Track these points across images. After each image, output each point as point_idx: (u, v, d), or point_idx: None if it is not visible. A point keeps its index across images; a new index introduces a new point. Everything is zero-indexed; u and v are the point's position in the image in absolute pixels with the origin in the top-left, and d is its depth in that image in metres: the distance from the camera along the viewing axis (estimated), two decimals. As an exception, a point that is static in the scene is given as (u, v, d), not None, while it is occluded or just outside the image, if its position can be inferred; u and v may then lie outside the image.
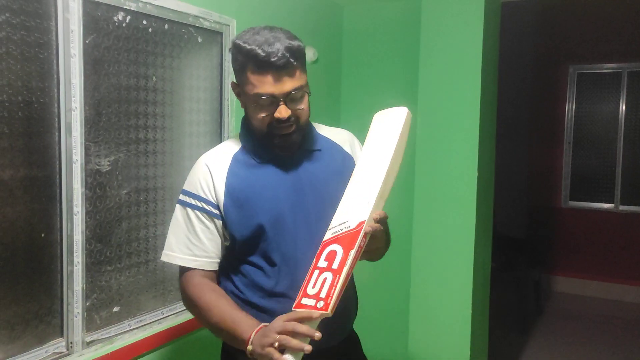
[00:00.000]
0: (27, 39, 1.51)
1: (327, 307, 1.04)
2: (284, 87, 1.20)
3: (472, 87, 2.55)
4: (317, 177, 1.34)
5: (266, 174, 1.31)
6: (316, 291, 1.08)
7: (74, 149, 1.62)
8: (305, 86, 1.25)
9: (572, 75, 5.23)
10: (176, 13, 1.95)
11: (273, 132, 1.25)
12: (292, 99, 1.23)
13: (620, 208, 5.05)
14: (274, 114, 1.22)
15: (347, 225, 1.14)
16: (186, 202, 1.31)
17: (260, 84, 1.21)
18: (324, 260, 1.11)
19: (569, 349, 3.92)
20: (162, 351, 1.98)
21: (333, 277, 1.07)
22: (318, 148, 1.38)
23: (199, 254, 1.30)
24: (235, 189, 1.28)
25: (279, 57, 1.18)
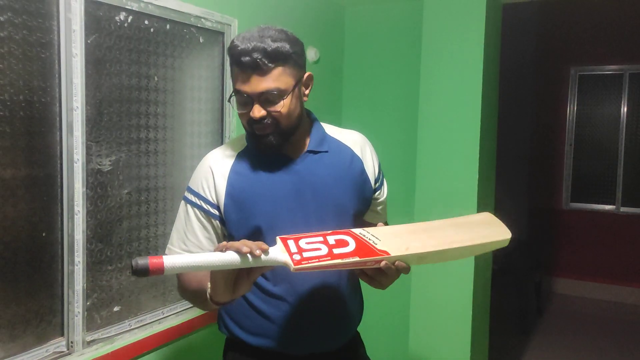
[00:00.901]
0: (29, 38, 1.51)
1: (297, 264, 1.00)
2: (254, 87, 1.18)
3: (473, 88, 2.54)
4: (320, 180, 1.31)
5: (267, 175, 1.29)
6: (304, 248, 1.04)
7: (75, 149, 1.62)
8: (285, 89, 1.20)
9: (573, 77, 5.23)
10: (178, 13, 1.95)
11: (252, 129, 1.24)
12: (267, 100, 1.20)
13: (622, 210, 5.05)
14: (250, 114, 1.21)
15: (375, 242, 1.10)
16: (188, 198, 1.31)
17: (237, 81, 1.21)
18: (334, 239, 1.08)
19: (569, 350, 3.91)
20: (163, 351, 1.98)
21: (325, 255, 1.03)
22: (325, 149, 1.35)
23: (194, 250, 1.29)
24: (235, 189, 1.27)
25: (248, 58, 1.15)
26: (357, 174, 1.37)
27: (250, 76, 1.17)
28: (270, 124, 1.22)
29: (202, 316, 2.14)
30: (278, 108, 1.20)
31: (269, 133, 1.22)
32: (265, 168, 1.30)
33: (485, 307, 2.84)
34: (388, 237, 1.11)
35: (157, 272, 0.93)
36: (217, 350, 2.31)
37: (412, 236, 1.13)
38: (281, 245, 1.04)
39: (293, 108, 1.24)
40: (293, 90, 1.22)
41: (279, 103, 1.20)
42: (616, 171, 5.07)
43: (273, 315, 1.29)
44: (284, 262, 1.02)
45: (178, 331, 2.04)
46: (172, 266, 0.94)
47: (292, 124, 1.25)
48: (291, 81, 1.22)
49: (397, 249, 1.08)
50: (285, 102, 1.21)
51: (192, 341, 2.12)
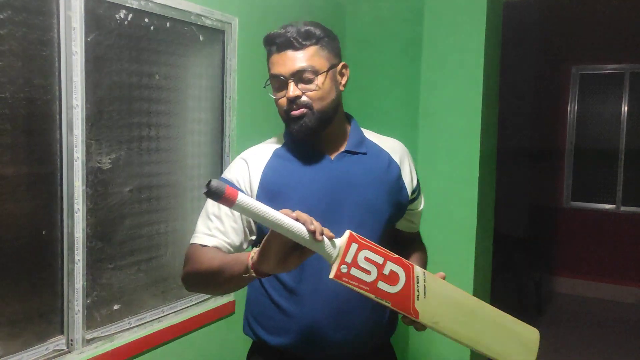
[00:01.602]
0: (29, 36, 1.50)
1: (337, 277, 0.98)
2: (288, 66, 1.21)
3: (474, 86, 2.54)
4: (356, 180, 1.29)
5: (302, 172, 1.28)
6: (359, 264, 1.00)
7: (76, 147, 1.62)
8: (318, 69, 1.22)
9: (574, 76, 5.22)
10: (178, 11, 1.95)
11: (289, 116, 1.24)
12: (302, 80, 1.21)
13: (622, 209, 5.05)
14: (286, 95, 1.22)
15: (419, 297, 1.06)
16: None
17: (272, 65, 1.24)
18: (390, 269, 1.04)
19: (569, 349, 3.91)
20: (162, 349, 1.98)
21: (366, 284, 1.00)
22: (363, 151, 1.33)
23: (219, 236, 1.25)
24: (269, 182, 1.26)
25: (282, 38, 1.21)
26: (393, 180, 1.35)
27: (285, 55, 1.21)
28: (305, 104, 1.22)
29: (201, 315, 2.14)
30: (312, 87, 1.22)
31: (303, 114, 1.22)
32: (301, 165, 1.29)
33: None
34: (433, 298, 1.07)
35: (228, 200, 0.90)
36: (216, 348, 2.31)
37: (453, 312, 1.09)
38: (344, 243, 1.01)
39: (328, 90, 1.24)
40: (327, 72, 1.24)
41: (313, 83, 1.22)
42: (617, 170, 5.06)
43: (295, 314, 1.26)
44: (330, 263, 1.00)
45: (178, 329, 2.04)
46: (243, 204, 0.91)
47: (326, 107, 1.25)
48: (325, 63, 1.24)
49: (428, 317, 1.06)
50: (319, 82, 1.22)
51: (192, 339, 2.12)
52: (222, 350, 2.28)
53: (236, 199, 0.90)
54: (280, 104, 1.25)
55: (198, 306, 2.14)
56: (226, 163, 2.23)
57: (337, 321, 1.26)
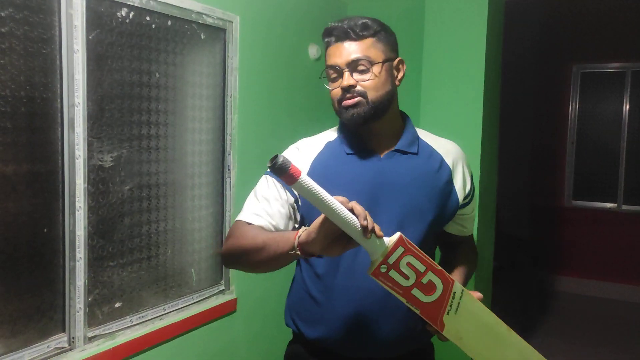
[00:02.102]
0: (30, 34, 1.51)
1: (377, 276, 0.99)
2: (345, 56, 1.22)
3: (475, 85, 2.54)
4: (403, 180, 1.28)
5: (349, 167, 1.28)
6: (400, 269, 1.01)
7: (77, 145, 1.62)
8: (374, 60, 1.23)
9: (575, 75, 5.22)
10: (179, 9, 1.95)
11: (342, 105, 1.25)
12: (357, 70, 1.23)
13: (623, 208, 5.04)
14: (341, 85, 1.23)
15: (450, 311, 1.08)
16: (269, 171, 1.28)
17: (328, 57, 1.26)
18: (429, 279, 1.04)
19: (571, 348, 3.91)
20: (164, 347, 1.98)
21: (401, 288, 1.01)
22: (413, 151, 1.32)
23: (265, 217, 1.25)
24: (316, 173, 1.25)
25: (341, 27, 1.23)
26: (442, 183, 1.33)
27: (341, 46, 1.23)
28: (359, 93, 1.23)
29: (203, 313, 2.14)
30: (367, 78, 1.23)
31: (356, 104, 1.23)
32: (349, 160, 1.29)
33: (486, 305, 2.84)
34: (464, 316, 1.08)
35: (291, 177, 0.92)
36: (218, 346, 2.32)
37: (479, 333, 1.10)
38: (391, 244, 1.01)
39: (382, 82, 1.25)
40: (382, 64, 1.25)
41: (369, 73, 1.23)
42: (618, 169, 5.06)
43: (329, 308, 1.27)
44: (372, 258, 1.01)
45: (179, 327, 2.04)
46: (304, 183, 0.93)
47: (380, 98, 1.25)
48: (380, 55, 1.25)
49: (453, 333, 1.07)
50: (375, 73, 1.23)
51: (194, 338, 2.12)
52: (223, 348, 2.28)
53: (299, 177, 0.92)
54: (334, 95, 1.26)
55: (200, 304, 2.14)
56: (227, 161, 2.23)
57: (376, 317, 1.26)
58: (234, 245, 1.23)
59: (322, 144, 1.33)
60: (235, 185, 2.27)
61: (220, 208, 2.24)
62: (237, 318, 2.33)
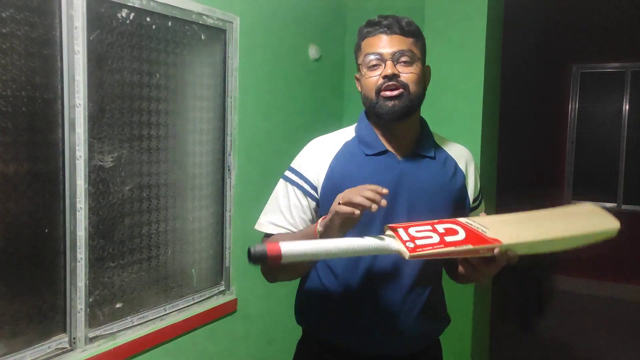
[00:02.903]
0: (31, 35, 1.51)
1: (414, 251, 0.98)
2: (390, 46, 1.23)
3: (475, 85, 2.54)
4: (420, 184, 1.27)
5: (368, 169, 1.27)
6: (415, 236, 1.01)
7: (78, 145, 1.63)
8: (417, 56, 1.25)
9: (575, 75, 5.22)
10: (180, 10, 1.95)
11: (379, 95, 1.23)
12: (400, 61, 1.23)
13: (623, 207, 5.05)
14: (381, 73, 1.22)
15: (484, 230, 1.06)
16: (288, 177, 1.32)
17: (369, 46, 1.25)
18: (443, 228, 1.05)
19: (570, 347, 3.92)
20: (165, 347, 1.98)
21: (437, 243, 1.00)
22: (431, 155, 1.32)
23: (286, 226, 1.28)
24: (336, 175, 1.26)
25: (389, 20, 1.25)
26: (457, 188, 1.33)
27: (387, 37, 1.24)
28: (400, 85, 1.22)
29: (204, 313, 2.14)
30: (410, 70, 1.23)
31: (396, 96, 1.22)
32: (368, 161, 1.28)
33: (486, 304, 2.85)
34: (496, 226, 1.09)
35: (275, 259, 0.91)
36: (218, 346, 2.32)
37: (521, 225, 1.11)
38: (391, 234, 1.03)
39: (421, 80, 1.26)
40: (423, 64, 1.28)
41: (412, 66, 1.24)
42: (618, 168, 5.06)
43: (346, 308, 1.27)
44: (397, 250, 1.00)
45: (180, 328, 2.04)
46: (290, 254, 0.92)
47: (418, 94, 1.26)
48: (420, 55, 1.27)
49: (508, 237, 1.05)
50: (417, 68, 1.24)
51: (194, 338, 2.12)
52: (224, 348, 2.28)
53: (281, 254, 0.92)
54: (372, 83, 1.24)
55: (200, 304, 2.15)
56: (228, 162, 2.24)
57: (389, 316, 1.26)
58: None
59: (340, 144, 1.32)
60: (235, 185, 2.27)
61: (220, 208, 2.25)
62: (238, 318, 2.34)
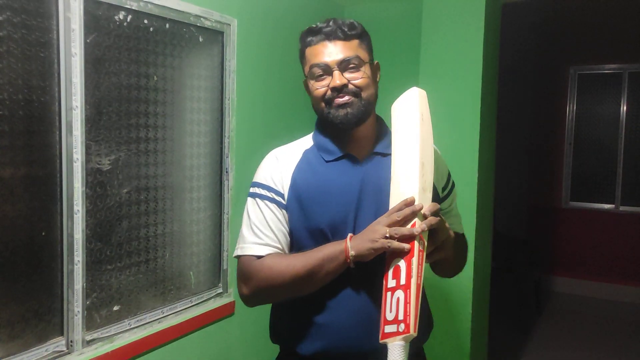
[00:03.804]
0: (28, 37, 1.51)
1: (409, 328, 0.99)
2: (334, 54, 1.21)
3: (472, 87, 2.55)
4: (385, 185, 1.22)
5: (333, 175, 1.25)
6: (394, 315, 1.02)
7: (75, 148, 1.62)
8: (364, 59, 1.23)
9: (572, 76, 5.23)
10: (177, 12, 1.95)
11: (329, 103, 1.22)
12: (348, 68, 1.21)
13: (621, 209, 5.05)
14: (330, 85, 1.21)
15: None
16: (256, 193, 1.27)
17: (314, 56, 1.23)
18: (391, 279, 1.05)
19: (568, 348, 3.92)
20: (162, 350, 1.98)
21: (404, 294, 1.01)
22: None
23: (271, 244, 1.23)
24: (299, 185, 1.24)
25: (330, 26, 1.23)
26: None
27: (330, 44, 1.22)
28: (352, 93, 1.21)
29: (201, 316, 2.14)
30: (359, 76, 1.22)
31: (350, 103, 1.21)
32: (330, 167, 1.26)
33: (484, 306, 2.85)
34: None
35: None
36: (216, 349, 2.31)
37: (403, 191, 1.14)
38: (389, 341, 1.05)
39: (371, 83, 1.25)
40: (371, 65, 1.25)
41: (360, 71, 1.22)
42: (615, 170, 5.06)
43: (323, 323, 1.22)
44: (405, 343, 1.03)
45: (178, 330, 2.04)
46: None
47: (370, 97, 1.25)
48: (367, 56, 1.25)
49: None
50: (365, 73, 1.23)
51: (192, 341, 2.12)
52: (221, 350, 2.28)
53: None
54: (320, 94, 1.23)
55: (198, 307, 2.14)
56: (225, 164, 2.24)
57: (368, 330, 1.21)
58: (266, 284, 1.21)
59: (299, 153, 1.29)
60: (233, 187, 2.27)
61: (218, 210, 2.25)
62: (235, 321, 2.33)
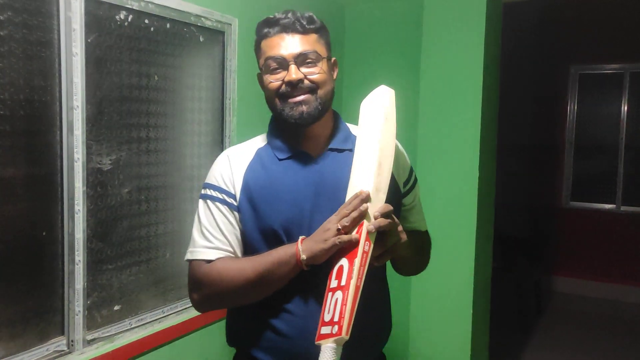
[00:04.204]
0: (29, 37, 1.51)
1: (341, 330, 0.94)
2: (291, 48, 1.16)
3: (473, 86, 2.54)
4: (342, 182, 1.17)
5: (286, 174, 1.20)
6: (331, 316, 0.97)
7: (76, 148, 1.63)
8: (321, 55, 1.18)
9: (573, 76, 5.23)
10: (178, 12, 1.95)
11: (284, 100, 1.17)
12: (305, 63, 1.17)
13: (622, 209, 5.05)
14: (285, 79, 1.16)
15: None
16: (207, 194, 1.22)
17: (270, 48, 1.19)
18: (334, 279, 1.01)
19: (569, 349, 3.91)
20: (163, 350, 1.98)
21: (342, 295, 0.97)
22: (349, 148, 1.24)
23: (222, 247, 1.19)
24: (251, 185, 1.19)
25: (288, 18, 1.19)
26: None
27: (287, 37, 1.18)
28: (307, 89, 1.17)
29: (202, 315, 2.13)
30: (316, 71, 1.18)
31: (303, 101, 1.16)
32: (284, 167, 1.21)
33: (485, 306, 2.85)
34: None
35: None
36: (217, 349, 2.31)
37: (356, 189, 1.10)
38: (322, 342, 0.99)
39: (328, 79, 1.21)
40: (328, 61, 1.22)
41: (317, 67, 1.18)
42: (616, 170, 5.06)
43: (285, 332, 1.17)
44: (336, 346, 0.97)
45: (178, 330, 2.04)
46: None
47: (327, 94, 1.21)
48: (325, 51, 1.21)
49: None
50: (323, 69, 1.18)
51: (192, 340, 2.12)
52: (222, 350, 2.28)
53: None
54: (274, 87, 1.18)
55: (198, 307, 2.14)
56: (226, 164, 2.24)
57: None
58: (216, 290, 1.17)
59: (252, 152, 1.25)
60: (234, 187, 2.27)
61: (219, 210, 2.24)
62: (236, 320, 2.33)
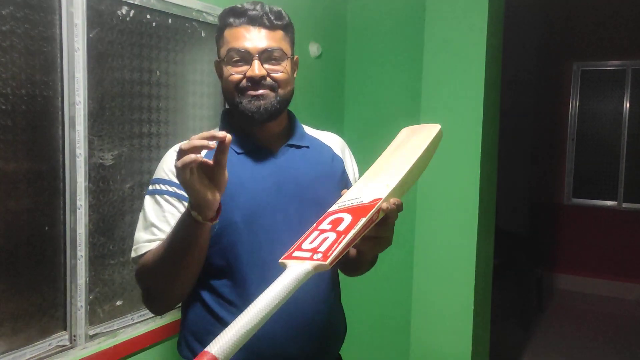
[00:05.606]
0: (31, 32, 1.51)
1: (326, 258, 0.87)
2: (257, 42, 1.13)
3: (475, 83, 2.54)
4: (302, 176, 1.21)
5: (244, 167, 1.19)
6: (314, 246, 0.91)
7: (78, 143, 1.63)
8: (286, 53, 1.17)
9: (575, 73, 5.22)
10: (180, 7, 1.95)
11: (243, 93, 1.14)
12: (269, 58, 1.14)
13: (624, 205, 5.05)
14: (247, 73, 1.13)
15: (360, 200, 1.00)
16: (156, 190, 1.19)
17: (234, 39, 1.14)
18: (327, 224, 0.97)
19: (570, 346, 3.92)
20: (165, 345, 1.98)
21: (337, 236, 0.92)
22: (305, 145, 1.27)
23: (160, 235, 1.13)
24: None
25: (256, 10, 1.14)
26: (338, 174, 1.31)
27: (253, 30, 1.14)
28: (269, 87, 1.15)
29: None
30: (279, 70, 1.16)
31: (262, 95, 1.14)
32: (242, 161, 1.20)
33: (486, 303, 2.85)
34: (364, 191, 1.04)
35: None
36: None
37: (380, 177, 1.07)
38: (292, 262, 0.89)
39: (290, 79, 1.20)
40: (291, 59, 1.20)
41: (280, 65, 1.16)
42: (618, 167, 5.06)
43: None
44: (314, 267, 0.87)
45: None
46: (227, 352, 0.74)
47: (288, 94, 1.20)
48: (289, 50, 1.20)
49: (381, 192, 1.00)
50: (286, 67, 1.17)
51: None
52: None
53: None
54: (234, 81, 1.15)
55: (200, 302, 2.15)
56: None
57: (292, 334, 1.17)
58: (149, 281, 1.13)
59: None
60: (235, 183, 2.27)
61: (220, 206, 2.25)
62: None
